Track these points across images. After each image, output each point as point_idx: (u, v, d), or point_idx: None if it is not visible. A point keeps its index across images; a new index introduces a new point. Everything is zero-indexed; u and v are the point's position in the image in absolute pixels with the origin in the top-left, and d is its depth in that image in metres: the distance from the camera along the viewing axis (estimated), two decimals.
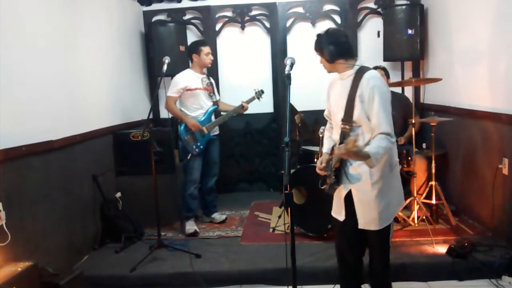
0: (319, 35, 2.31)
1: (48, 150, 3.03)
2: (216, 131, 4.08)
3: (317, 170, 2.37)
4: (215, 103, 4.05)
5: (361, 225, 2.29)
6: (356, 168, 2.26)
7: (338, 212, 2.42)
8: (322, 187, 2.37)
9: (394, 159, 2.31)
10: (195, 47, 3.95)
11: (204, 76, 4.02)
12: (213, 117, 4.03)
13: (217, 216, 4.18)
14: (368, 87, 2.17)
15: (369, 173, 2.21)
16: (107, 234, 3.77)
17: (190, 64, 4.02)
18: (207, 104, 3.98)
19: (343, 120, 2.26)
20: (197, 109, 3.93)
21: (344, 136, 2.25)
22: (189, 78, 3.90)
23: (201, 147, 3.93)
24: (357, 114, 2.20)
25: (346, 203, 2.33)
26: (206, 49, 3.93)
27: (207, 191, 4.16)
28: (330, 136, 2.50)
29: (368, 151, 2.05)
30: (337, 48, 2.25)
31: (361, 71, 2.25)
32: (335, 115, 2.35)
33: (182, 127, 3.91)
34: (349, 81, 2.26)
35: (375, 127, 2.16)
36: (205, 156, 4.04)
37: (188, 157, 3.89)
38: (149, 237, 3.79)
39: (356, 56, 2.36)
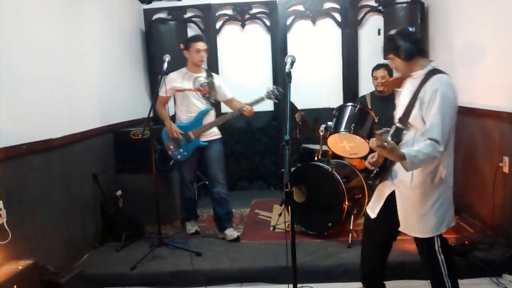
0: (391, 36, 2.24)
1: (48, 148, 3.03)
2: (212, 136, 3.68)
3: (366, 164, 2.37)
4: (212, 105, 3.68)
5: (401, 228, 2.31)
6: (399, 169, 2.20)
7: (372, 209, 2.41)
8: (369, 182, 2.37)
9: (442, 171, 2.18)
10: (187, 43, 3.64)
11: (200, 75, 3.68)
12: (205, 121, 3.63)
13: (229, 233, 3.67)
14: (431, 90, 2.09)
15: (410, 177, 2.19)
16: (107, 232, 3.77)
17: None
18: (198, 106, 3.62)
19: (400, 119, 2.25)
20: (187, 111, 3.64)
21: (397, 134, 2.23)
22: (179, 78, 3.64)
23: (185, 153, 3.62)
24: (414, 115, 2.17)
25: (386, 203, 2.32)
26: (196, 45, 3.57)
27: (216, 202, 3.74)
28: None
29: (405, 152, 1.99)
30: (414, 45, 2.20)
31: (432, 72, 2.18)
32: (397, 113, 2.33)
33: (164, 131, 3.68)
34: (418, 81, 2.22)
35: (426, 131, 2.08)
36: (202, 163, 3.75)
37: (171, 163, 3.70)
38: (150, 235, 3.79)
39: (429, 57, 2.33)
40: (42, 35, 3.05)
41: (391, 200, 2.30)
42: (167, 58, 3.41)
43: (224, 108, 3.81)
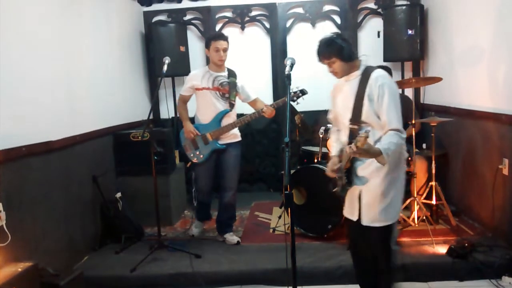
0: (330, 39, 2.26)
1: (48, 150, 3.03)
2: (230, 139, 3.57)
3: (328, 173, 2.36)
4: (231, 106, 3.54)
5: (364, 222, 2.33)
6: (364, 168, 2.28)
7: (350, 213, 2.43)
8: (334, 190, 2.36)
9: (405, 154, 2.35)
10: (207, 41, 3.55)
11: (221, 74, 3.57)
12: (224, 122, 3.52)
13: (229, 237, 3.64)
14: (377, 85, 2.19)
15: (377, 170, 2.24)
16: (107, 235, 3.77)
17: None
18: (217, 107, 3.51)
19: (351, 121, 2.28)
20: (206, 112, 3.54)
21: (352, 136, 2.25)
22: (199, 76, 3.55)
23: (202, 156, 3.54)
24: (365, 113, 2.22)
25: (359, 203, 2.35)
26: (215, 44, 3.48)
27: (222, 207, 3.68)
28: (337, 139, 2.51)
29: (379, 147, 2.06)
30: (351, 46, 2.27)
31: (368, 70, 2.27)
32: (343, 117, 2.36)
33: (181, 131, 3.64)
34: (356, 81, 2.28)
35: (385, 124, 2.18)
36: (218, 167, 3.62)
37: (188, 165, 3.63)
38: (149, 238, 3.79)
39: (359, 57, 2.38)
40: (42, 36, 3.05)
41: (360, 199, 2.35)
42: (167, 60, 3.41)
43: (239, 109, 3.74)
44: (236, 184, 3.68)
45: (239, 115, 3.65)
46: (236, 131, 3.62)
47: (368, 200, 2.31)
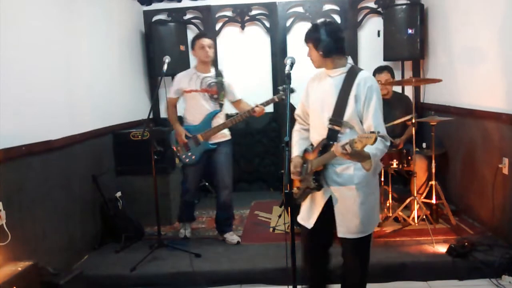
0: (316, 26, 2.16)
1: (48, 149, 3.03)
2: (220, 138, 3.58)
3: (293, 176, 2.21)
4: (221, 106, 3.58)
5: (340, 233, 2.17)
6: (342, 172, 2.15)
7: (307, 219, 2.27)
8: (292, 193, 2.14)
9: (379, 164, 2.25)
10: (192, 42, 3.55)
11: (208, 75, 3.56)
12: (214, 123, 3.54)
13: (229, 237, 3.65)
14: (366, 87, 2.08)
15: (354, 177, 2.12)
16: (107, 234, 3.77)
17: None
18: (206, 108, 3.52)
19: (331, 120, 2.13)
20: (195, 113, 3.55)
21: (332, 136, 2.12)
22: (186, 78, 3.55)
23: (194, 157, 3.54)
24: (349, 113, 2.09)
25: (323, 210, 2.19)
26: (200, 42, 3.47)
27: (220, 206, 3.69)
28: (302, 138, 2.37)
29: (369, 152, 1.92)
30: (335, 43, 2.14)
31: (354, 70, 2.17)
32: (319, 113, 2.20)
33: (172, 134, 3.62)
34: (340, 79, 2.16)
35: (371, 128, 2.05)
36: (209, 167, 3.64)
37: (178, 166, 3.58)
38: (149, 237, 3.78)
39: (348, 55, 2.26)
40: (42, 36, 3.05)
41: (328, 206, 2.19)
42: (166, 59, 3.41)
43: (227, 109, 3.75)
44: (231, 183, 3.67)
45: (228, 116, 3.67)
46: (225, 131, 3.62)
47: (344, 208, 2.15)
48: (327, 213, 2.19)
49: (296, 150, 2.33)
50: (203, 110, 3.53)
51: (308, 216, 2.27)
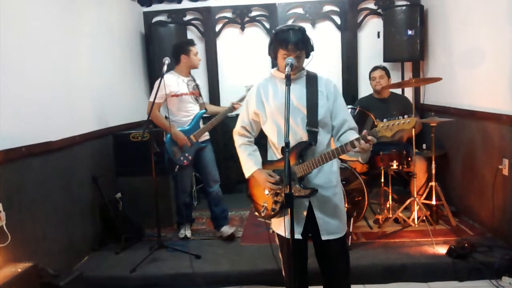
0: (303, 31, 2.11)
1: (48, 151, 3.03)
2: (206, 136, 3.78)
3: (269, 190, 2.17)
4: (203, 107, 3.82)
5: (324, 236, 2.14)
6: (321, 177, 2.13)
7: (296, 231, 2.11)
8: (266, 212, 2.16)
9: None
10: (184, 47, 3.65)
11: (190, 78, 3.75)
12: (201, 123, 3.74)
13: (225, 229, 3.76)
14: (331, 86, 2.18)
15: (332, 178, 2.16)
16: (107, 235, 3.77)
17: (176, 65, 3.70)
18: (195, 110, 3.70)
19: (308, 122, 2.10)
20: (183, 115, 3.66)
21: (311, 137, 2.08)
22: (174, 82, 3.59)
23: (190, 157, 3.65)
24: (323, 112, 2.11)
25: (307, 218, 2.14)
26: (195, 49, 3.66)
27: (213, 202, 3.80)
28: (253, 150, 2.33)
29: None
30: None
31: (311, 72, 2.22)
32: (291, 118, 2.01)
33: (168, 138, 3.61)
34: (303, 81, 2.18)
35: (344, 122, 2.15)
36: (198, 164, 3.79)
37: (176, 169, 3.65)
38: (149, 238, 3.78)
39: None
40: (42, 36, 3.05)
41: (309, 213, 2.15)
42: (166, 60, 3.41)
43: None
44: (219, 177, 3.85)
45: (217, 115, 3.78)
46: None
47: (324, 212, 2.13)
48: (311, 220, 2.15)
49: (253, 164, 2.27)
50: (191, 112, 3.70)
51: (296, 226, 2.10)
